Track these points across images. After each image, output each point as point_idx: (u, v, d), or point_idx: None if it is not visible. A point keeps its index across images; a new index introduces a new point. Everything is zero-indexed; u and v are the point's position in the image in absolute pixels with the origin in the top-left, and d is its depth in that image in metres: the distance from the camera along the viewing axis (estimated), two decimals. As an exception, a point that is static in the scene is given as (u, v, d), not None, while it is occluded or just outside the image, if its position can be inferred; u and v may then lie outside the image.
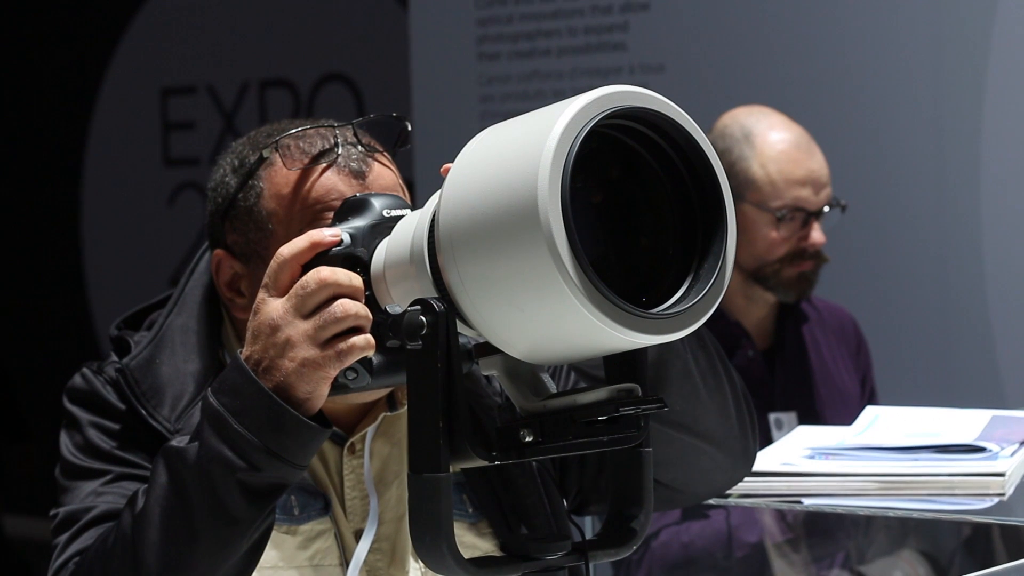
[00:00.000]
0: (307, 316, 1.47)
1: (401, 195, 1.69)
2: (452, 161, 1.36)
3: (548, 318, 1.25)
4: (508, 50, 4.87)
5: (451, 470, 1.35)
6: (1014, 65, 3.94)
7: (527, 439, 1.35)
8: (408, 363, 1.35)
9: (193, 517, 1.51)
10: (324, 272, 1.47)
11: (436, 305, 1.33)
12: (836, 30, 4.21)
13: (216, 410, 1.51)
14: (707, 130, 2.52)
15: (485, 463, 1.35)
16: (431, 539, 1.34)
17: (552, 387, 1.40)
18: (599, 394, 1.35)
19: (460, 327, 1.34)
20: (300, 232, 1.64)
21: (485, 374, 1.38)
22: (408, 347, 1.35)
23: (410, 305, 1.34)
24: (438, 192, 1.36)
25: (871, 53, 4.15)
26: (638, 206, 1.31)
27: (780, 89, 4.30)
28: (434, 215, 1.35)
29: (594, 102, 1.26)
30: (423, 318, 1.33)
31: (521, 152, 1.25)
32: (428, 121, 4.50)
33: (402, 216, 1.54)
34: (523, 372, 1.39)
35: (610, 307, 1.23)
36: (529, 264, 1.23)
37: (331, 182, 1.68)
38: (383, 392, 1.75)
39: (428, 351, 1.33)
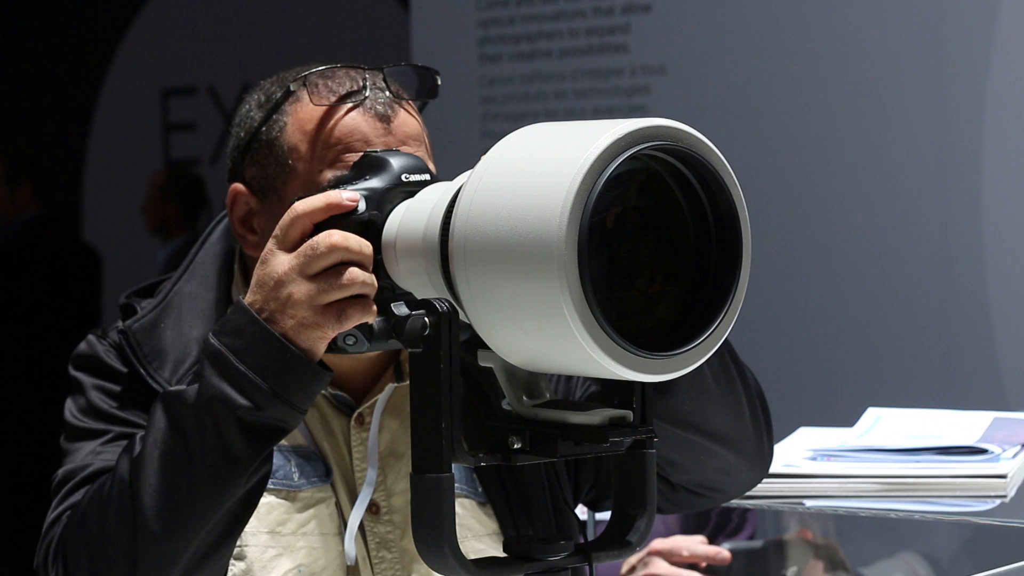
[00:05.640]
0: (312, 278, 1.47)
1: (424, 149, 1.69)
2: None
3: (550, 345, 1.25)
4: (509, 52, 4.87)
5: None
6: (1016, 65, 3.94)
7: (515, 446, 1.36)
8: (411, 364, 1.35)
9: (192, 456, 1.51)
10: (336, 236, 1.47)
11: (439, 305, 1.33)
12: (837, 31, 4.21)
13: (217, 350, 1.51)
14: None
15: (469, 465, 1.35)
16: (433, 539, 1.34)
17: (547, 391, 1.40)
18: (591, 417, 1.35)
19: (461, 316, 1.34)
20: (319, 172, 1.65)
21: (483, 365, 1.38)
22: (410, 351, 1.35)
23: (414, 309, 1.34)
24: (468, 173, 1.34)
25: (872, 54, 4.15)
26: (657, 240, 1.30)
27: (781, 90, 4.30)
28: (453, 203, 1.34)
29: (629, 134, 1.24)
30: (427, 319, 1.33)
31: (547, 176, 1.23)
32: (428, 122, 4.49)
33: (420, 181, 1.54)
34: (520, 373, 1.39)
35: (613, 347, 1.23)
36: (537, 292, 1.23)
37: (355, 123, 1.68)
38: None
39: (431, 352, 1.33)
